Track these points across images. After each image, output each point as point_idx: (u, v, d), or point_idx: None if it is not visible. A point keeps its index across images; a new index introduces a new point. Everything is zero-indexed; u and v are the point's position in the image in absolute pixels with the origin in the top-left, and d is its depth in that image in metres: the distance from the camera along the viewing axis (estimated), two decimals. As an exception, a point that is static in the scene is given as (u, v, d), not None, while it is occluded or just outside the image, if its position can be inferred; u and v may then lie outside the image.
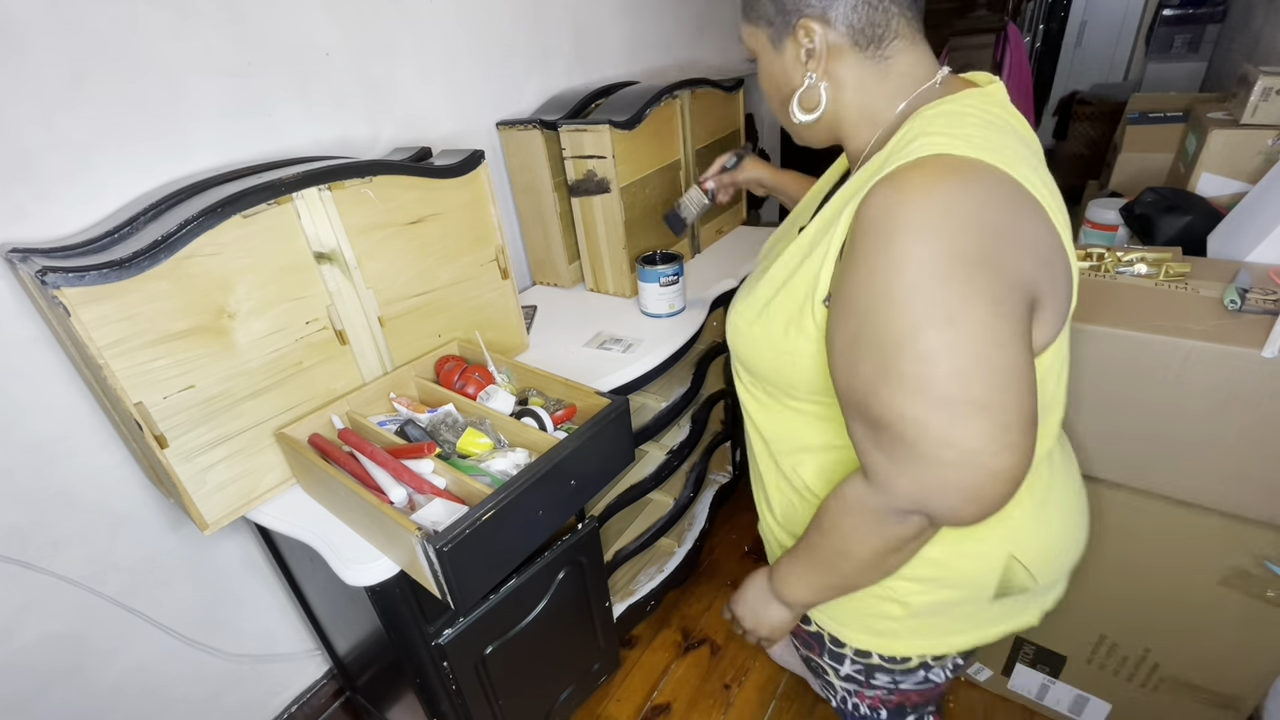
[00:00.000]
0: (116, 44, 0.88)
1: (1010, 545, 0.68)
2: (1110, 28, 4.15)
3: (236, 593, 1.21)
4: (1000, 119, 0.59)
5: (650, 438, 1.39)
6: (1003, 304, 0.50)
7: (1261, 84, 1.20)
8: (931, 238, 0.49)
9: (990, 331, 0.49)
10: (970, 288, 0.49)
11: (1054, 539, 0.72)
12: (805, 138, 0.71)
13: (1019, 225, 0.52)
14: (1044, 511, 0.70)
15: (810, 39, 0.60)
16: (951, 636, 0.74)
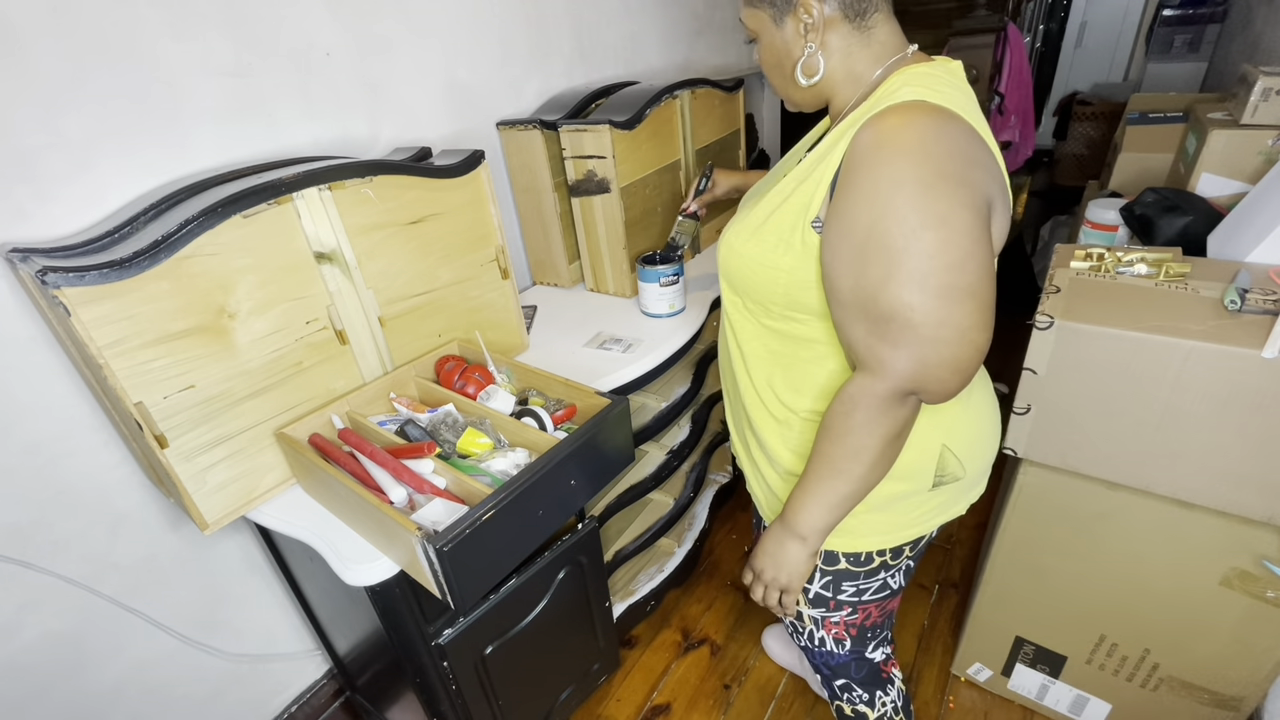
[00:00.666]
0: (117, 44, 0.88)
1: (943, 436, 0.79)
2: (1110, 28, 4.15)
3: (236, 593, 1.21)
4: (959, 86, 0.71)
5: (650, 438, 1.39)
6: (978, 212, 0.62)
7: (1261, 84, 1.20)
8: (923, 158, 0.61)
9: (973, 231, 0.61)
10: (955, 198, 0.61)
11: (978, 431, 0.84)
12: (800, 102, 0.81)
13: (981, 155, 0.65)
14: (968, 406, 0.81)
15: (809, 14, 0.71)
16: (903, 530, 0.84)
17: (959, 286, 0.61)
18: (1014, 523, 1.16)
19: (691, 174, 1.61)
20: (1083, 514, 1.08)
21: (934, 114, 0.63)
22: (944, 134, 0.63)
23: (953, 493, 0.84)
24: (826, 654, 0.99)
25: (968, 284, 0.62)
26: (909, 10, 3.24)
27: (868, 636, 0.97)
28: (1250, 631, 1.01)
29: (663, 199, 1.53)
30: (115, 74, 0.89)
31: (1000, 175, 0.68)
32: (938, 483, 0.82)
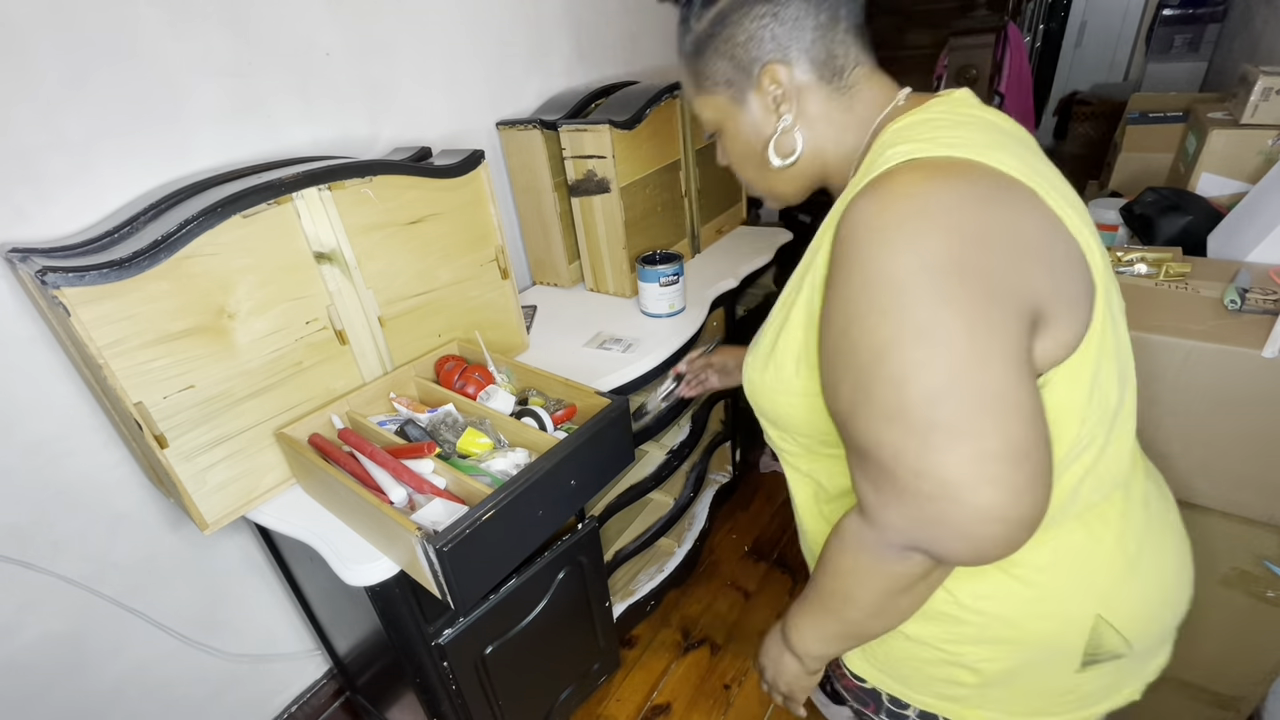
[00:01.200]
0: (117, 44, 0.88)
1: (1097, 604, 0.60)
2: (1110, 28, 4.15)
3: (236, 593, 1.21)
4: (973, 116, 0.56)
5: (650, 438, 1.39)
6: (983, 317, 0.45)
7: (1261, 84, 1.20)
8: (901, 248, 0.46)
9: (967, 348, 0.44)
10: (943, 300, 0.44)
11: (1150, 597, 0.63)
12: (785, 194, 0.68)
13: (1004, 222, 0.47)
14: (1137, 566, 0.61)
15: (776, 83, 0.59)
16: (1040, 717, 0.65)
17: (938, 425, 0.45)
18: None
19: (691, 173, 1.61)
20: (1083, 514, 1.08)
21: (925, 178, 0.48)
22: (939, 203, 0.47)
23: (1115, 673, 0.64)
24: None
25: (951, 422, 0.44)
26: (909, 10, 3.24)
27: None
28: (1250, 631, 1.01)
29: (663, 199, 1.53)
30: (115, 74, 0.89)
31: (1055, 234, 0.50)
32: (1090, 661, 0.62)
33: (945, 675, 0.65)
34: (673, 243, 1.61)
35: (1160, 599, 0.64)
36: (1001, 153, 0.50)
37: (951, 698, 0.67)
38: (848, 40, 0.59)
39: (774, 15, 0.57)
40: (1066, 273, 0.50)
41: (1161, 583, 0.65)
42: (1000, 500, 0.45)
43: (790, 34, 0.57)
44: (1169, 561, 0.66)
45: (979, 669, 0.63)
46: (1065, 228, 0.50)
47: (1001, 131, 0.55)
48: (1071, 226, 0.50)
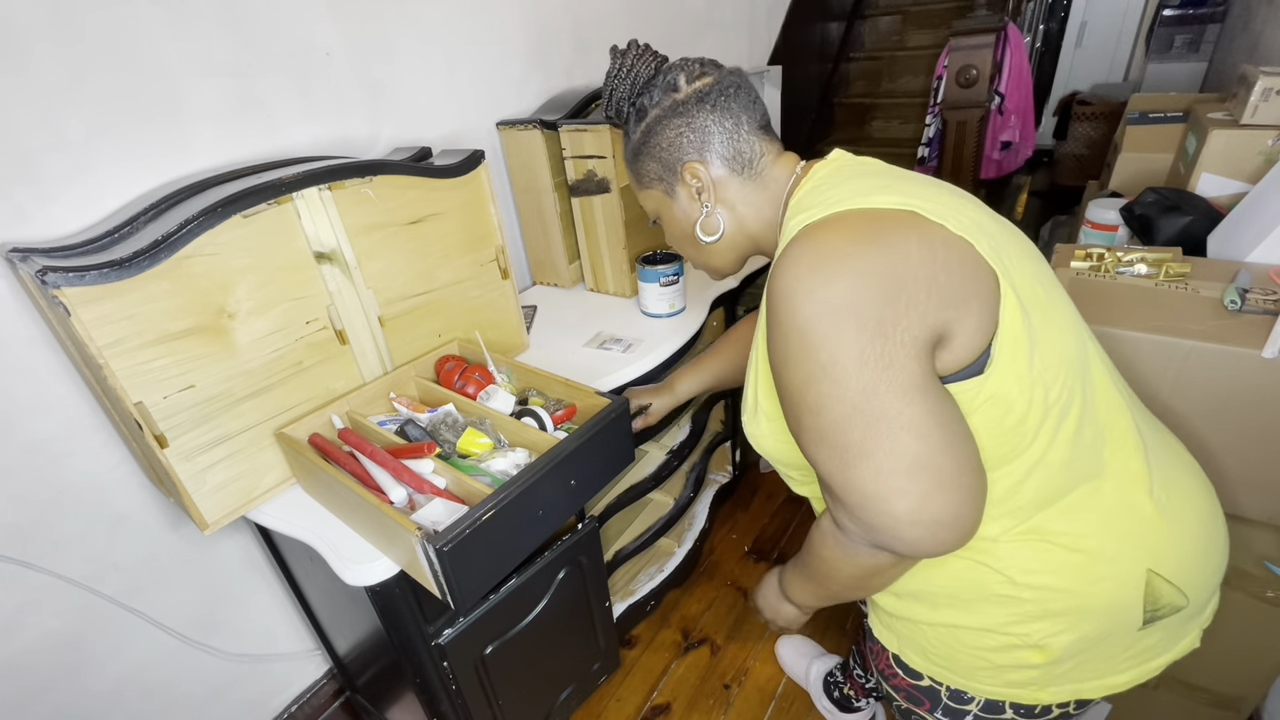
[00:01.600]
0: (116, 44, 0.88)
1: (1147, 558, 0.64)
2: (1110, 28, 4.14)
3: (236, 593, 1.21)
4: (848, 169, 0.67)
5: (650, 438, 1.39)
6: (870, 351, 0.53)
7: (1261, 84, 1.20)
8: (801, 302, 0.55)
9: (857, 380, 0.53)
10: (837, 341, 0.54)
11: (1193, 543, 0.67)
12: (719, 266, 0.82)
13: (884, 259, 0.55)
14: (1172, 514, 0.66)
15: (696, 178, 0.72)
16: (1106, 677, 0.68)
17: (847, 448, 0.55)
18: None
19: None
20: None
21: (816, 241, 0.57)
22: (823, 264, 0.55)
23: (1173, 625, 0.68)
24: None
25: (856, 444, 0.54)
26: (908, 10, 3.24)
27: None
28: (1250, 631, 1.01)
29: (663, 199, 1.53)
30: (115, 74, 0.89)
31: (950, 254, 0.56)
32: (1150, 618, 0.65)
33: (1013, 660, 0.67)
34: (673, 243, 1.61)
35: (1203, 544, 0.68)
36: (877, 194, 0.59)
37: (1020, 683, 0.68)
38: (751, 138, 0.72)
39: (688, 125, 0.71)
40: (960, 276, 0.56)
41: (1200, 527, 0.68)
42: (908, 507, 0.54)
43: (702, 139, 0.71)
44: (1202, 505, 0.69)
45: (1047, 646, 0.65)
46: (949, 232, 0.57)
47: (874, 173, 0.65)
48: (957, 228, 0.57)
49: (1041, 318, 0.60)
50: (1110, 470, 0.65)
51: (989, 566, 0.64)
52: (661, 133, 0.73)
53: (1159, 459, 0.68)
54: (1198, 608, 0.68)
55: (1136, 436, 0.67)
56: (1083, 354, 0.65)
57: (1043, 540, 0.63)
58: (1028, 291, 0.60)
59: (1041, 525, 0.63)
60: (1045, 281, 0.65)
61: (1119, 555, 0.64)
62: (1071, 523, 0.63)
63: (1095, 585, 0.63)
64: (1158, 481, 0.66)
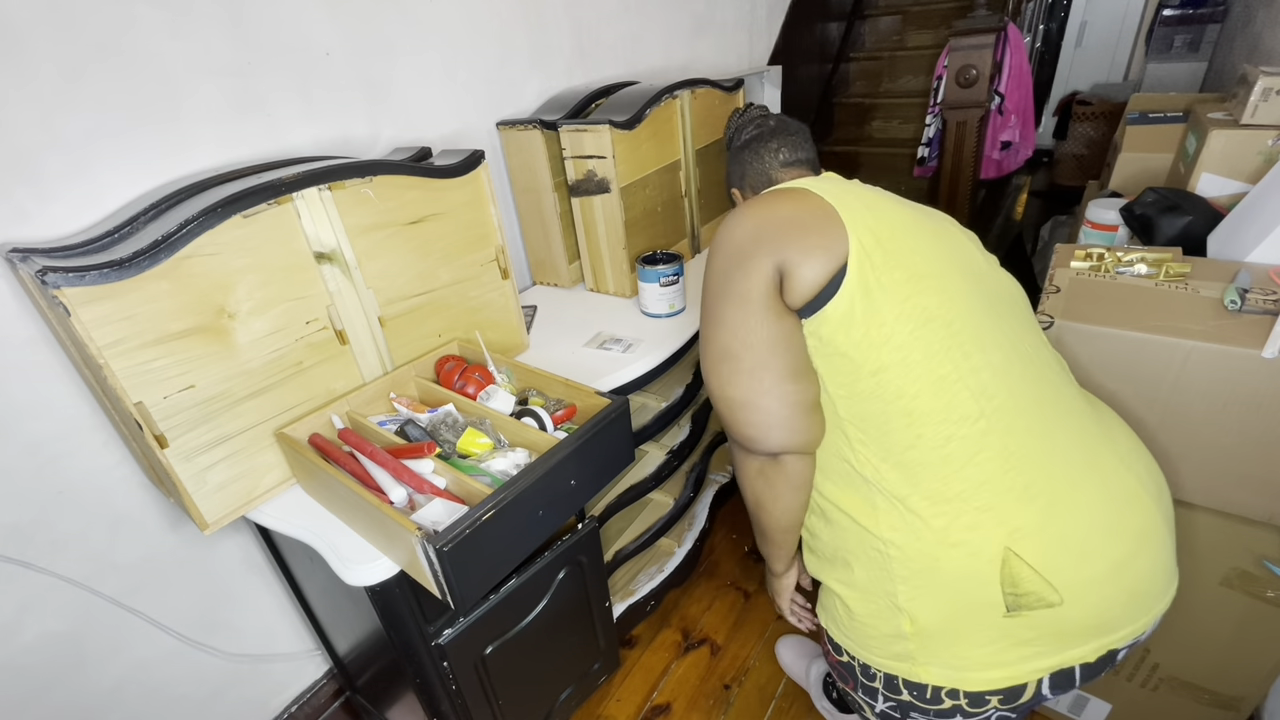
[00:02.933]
0: (116, 44, 0.88)
1: (1004, 536, 0.67)
2: (1110, 28, 4.14)
3: (236, 593, 1.21)
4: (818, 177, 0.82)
5: (650, 438, 1.39)
6: (722, 272, 0.74)
7: (1261, 84, 1.20)
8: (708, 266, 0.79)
9: (710, 291, 0.76)
10: (710, 266, 0.77)
11: (1073, 543, 0.68)
12: None
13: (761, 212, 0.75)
14: (1052, 505, 0.68)
15: (736, 199, 1.07)
16: (979, 670, 0.71)
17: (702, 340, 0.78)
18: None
19: (691, 174, 1.61)
20: (1083, 514, 1.08)
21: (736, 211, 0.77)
22: (730, 216, 0.77)
23: (1053, 627, 0.68)
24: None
25: (701, 335, 0.78)
26: (908, 10, 3.24)
27: None
28: (1250, 631, 1.01)
29: (663, 199, 1.53)
30: (114, 74, 0.89)
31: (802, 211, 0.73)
32: (1013, 604, 0.67)
33: (890, 629, 0.74)
34: (673, 243, 1.62)
35: (1091, 551, 0.68)
36: (795, 182, 0.78)
37: (902, 655, 0.74)
38: (773, 172, 0.98)
39: (737, 161, 1.03)
40: (812, 230, 0.71)
41: (1094, 535, 0.69)
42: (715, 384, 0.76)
43: (741, 171, 1.02)
44: (1107, 518, 0.70)
45: (913, 613, 0.71)
46: (821, 199, 0.73)
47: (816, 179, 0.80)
48: (831, 199, 0.73)
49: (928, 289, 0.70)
50: (984, 450, 0.68)
51: (865, 528, 0.73)
52: (729, 165, 1.07)
53: (1065, 450, 0.71)
54: (1088, 617, 0.68)
55: (1034, 431, 0.70)
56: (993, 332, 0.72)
57: (899, 503, 0.71)
58: (909, 262, 0.71)
59: (912, 493, 0.70)
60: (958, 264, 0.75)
61: (979, 523, 0.68)
62: (930, 487, 0.69)
63: (947, 550, 0.68)
64: (1045, 469, 0.69)
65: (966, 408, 0.68)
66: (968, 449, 0.68)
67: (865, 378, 0.70)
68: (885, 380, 0.69)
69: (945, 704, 0.74)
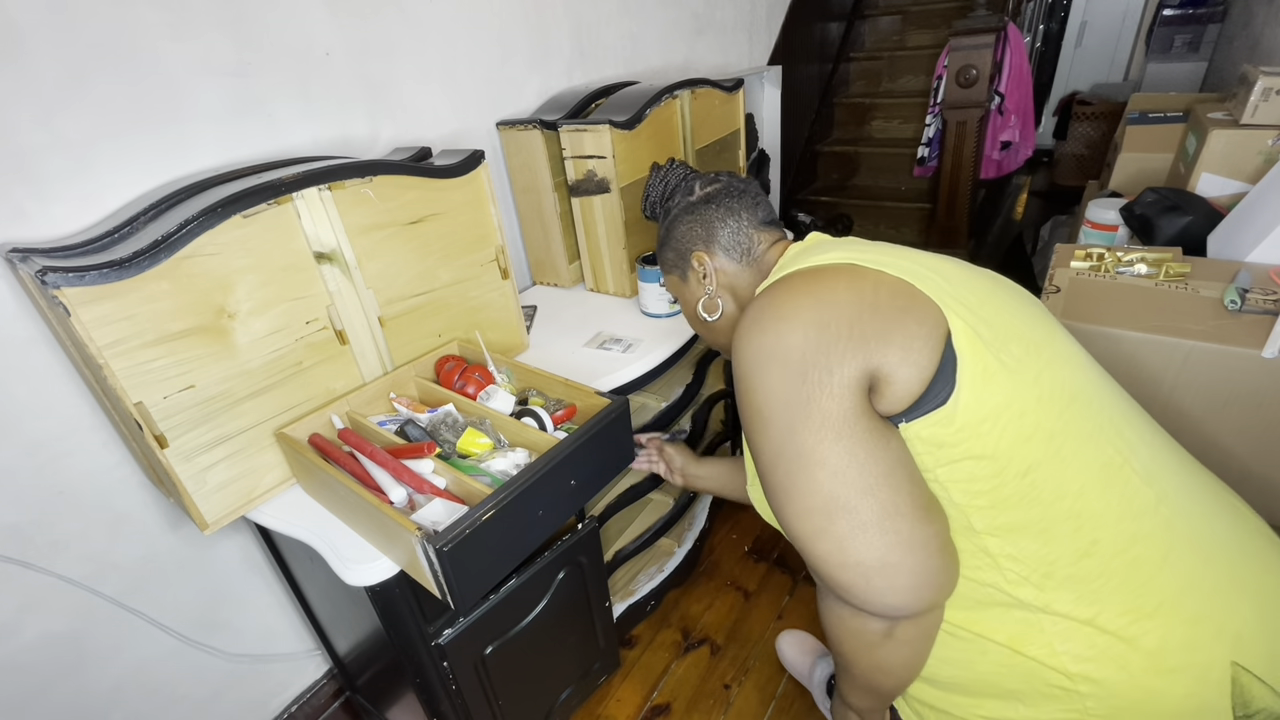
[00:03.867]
0: (116, 44, 0.88)
1: (1226, 647, 0.55)
2: (1110, 28, 4.15)
3: (236, 593, 1.21)
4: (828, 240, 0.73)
5: (650, 438, 1.39)
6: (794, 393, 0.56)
7: (1261, 84, 1.20)
8: (741, 357, 0.62)
9: (781, 422, 0.57)
10: (763, 384, 0.58)
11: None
12: (723, 343, 0.89)
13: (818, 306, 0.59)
14: (1260, 597, 0.57)
15: (701, 264, 0.83)
16: None
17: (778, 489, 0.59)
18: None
19: (691, 174, 1.61)
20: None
21: (763, 297, 0.64)
22: (759, 316, 0.60)
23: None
24: None
25: (783, 484, 0.58)
26: (908, 10, 3.24)
27: None
28: (1250, 631, 1.01)
29: (663, 199, 1.53)
30: (115, 73, 0.89)
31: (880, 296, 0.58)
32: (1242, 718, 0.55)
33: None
34: (673, 243, 1.61)
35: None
36: (823, 256, 0.64)
37: None
38: (750, 231, 0.81)
39: (698, 220, 0.84)
40: (892, 312, 0.57)
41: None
42: (829, 549, 0.55)
43: (707, 233, 0.83)
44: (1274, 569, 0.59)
45: None
46: (884, 274, 0.59)
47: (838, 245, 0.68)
48: (895, 271, 0.60)
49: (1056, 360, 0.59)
50: (1176, 548, 0.56)
51: (1037, 660, 0.58)
52: (677, 227, 0.87)
53: (1219, 522, 0.60)
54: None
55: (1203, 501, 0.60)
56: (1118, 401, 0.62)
57: (1090, 625, 0.56)
58: (1020, 332, 0.60)
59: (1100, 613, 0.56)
60: (1042, 326, 0.64)
61: (1195, 643, 0.54)
62: (1126, 601, 0.55)
63: (1164, 678, 0.54)
64: (1247, 561, 0.58)
65: (1144, 497, 0.57)
66: (1158, 548, 0.56)
67: (1012, 480, 0.55)
68: (1038, 480, 0.55)
69: None
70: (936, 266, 0.62)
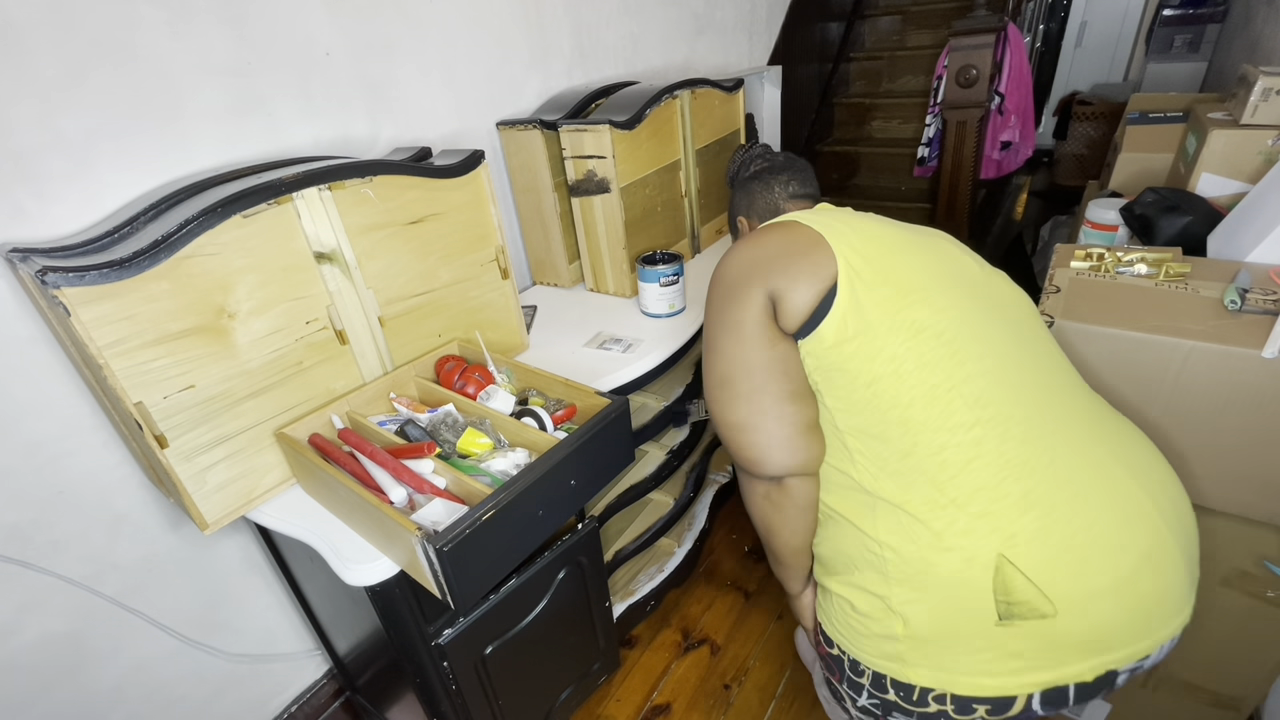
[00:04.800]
0: (116, 43, 0.88)
1: (998, 540, 0.66)
2: (1110, 28, 4.15)
3: (236, 593, 1.21)
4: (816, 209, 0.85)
5: (650, 438, 1.39)
6: (719, 305, 0.80)
7: (1261, 84, 1.20)
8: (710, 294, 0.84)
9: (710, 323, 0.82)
10: (709, 300, 0.83)
11: (1070, 549, 0.66)
12: None
13: (754, 247, 0.80)
14: (1050, 514, 0.67)
15: (743, 226, 1.08)
16: (968, 676, 0.70)
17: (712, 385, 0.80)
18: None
19: (691, 174, 1.61)
20: (1083, 514, 1.08)
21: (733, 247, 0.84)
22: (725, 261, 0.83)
23: (1046, 641, 0.66)
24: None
25: (705, 365, 0.82)
26: (908, 10, 3.24)
27: None
28: (1250, 631, 1.01)
29: (663, 199, 1.53)
30: (115, 73, 0.89)
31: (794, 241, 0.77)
32: (1006, 613, 0.66)
33: (883, 630, 0.74)
34: (673, 243, 1.62)
35: (1092, 563, 0.66)
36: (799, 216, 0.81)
37: (892, 655, 0.74)
38: (780, 202, 1.03)
39: (745, 191, 1.08)
40: (800, 259, 0.75)
41: (1094, 547, 0.67)
42: (716, 412, 0.79)
43: (749, 201, 1.07)
44: (1113, 528, 0.68)
45: (906, 615, 0.71)
46: (810, 229, 0.77)
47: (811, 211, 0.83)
48: (819, 228, 0.77)
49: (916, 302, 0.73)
50: (992, 459, 0.69)
51: (865, 533, 0.74)
52: (734, 196, 1.11)
53: (1078, 468, 0.70)
54: (1084, 633, 0.66)
55: (1045, 447, 0.70)
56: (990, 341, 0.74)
57: (901, 509, 0.71)
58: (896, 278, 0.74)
59: (909, 499, 0.71)
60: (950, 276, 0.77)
61: (974, 529, 0.67)
62: (926, 493, 0.70)
63: (942, 554, 0.68)
64: (1049, 481, 0.68)
65: (961, 416, 0.70)
66: (963, 455, 0.69)
67: (860, 389, 0.72)
68: (880, 391, 0.71)
69: (931, 707, 0.73)
70: (861, 226, 0.78)
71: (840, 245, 0.75)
